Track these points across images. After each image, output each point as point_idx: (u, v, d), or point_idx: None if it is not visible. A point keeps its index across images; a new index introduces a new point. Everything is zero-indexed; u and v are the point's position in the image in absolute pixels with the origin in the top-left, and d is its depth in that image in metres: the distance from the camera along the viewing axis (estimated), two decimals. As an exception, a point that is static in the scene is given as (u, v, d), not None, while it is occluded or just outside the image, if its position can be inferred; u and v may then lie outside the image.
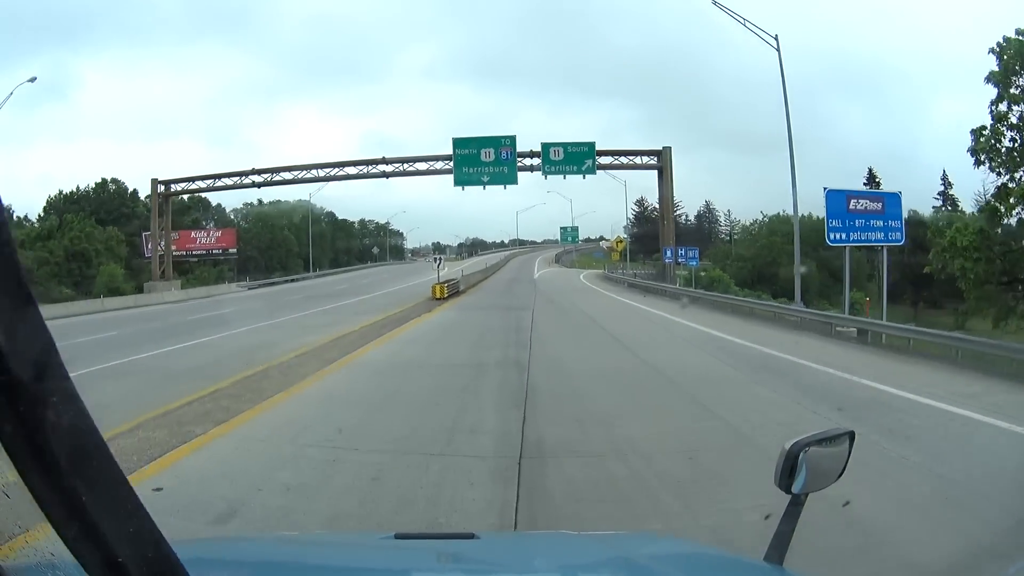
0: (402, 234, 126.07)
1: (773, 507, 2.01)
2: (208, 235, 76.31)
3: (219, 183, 49.60)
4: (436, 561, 2.05)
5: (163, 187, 54.33)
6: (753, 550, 2.14)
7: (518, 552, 2.32)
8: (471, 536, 2.23)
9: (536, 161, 38.97)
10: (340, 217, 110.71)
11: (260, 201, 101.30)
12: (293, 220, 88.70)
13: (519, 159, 38.85)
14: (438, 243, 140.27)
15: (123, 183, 77.88)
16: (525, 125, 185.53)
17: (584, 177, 38.82)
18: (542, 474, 6.28)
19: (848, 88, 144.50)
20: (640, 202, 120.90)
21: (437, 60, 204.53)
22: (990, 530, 4.84)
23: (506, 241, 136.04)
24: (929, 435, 7.63)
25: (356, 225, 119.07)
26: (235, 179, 48.11)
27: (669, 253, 38.64)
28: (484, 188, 38.32)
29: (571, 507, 5.44)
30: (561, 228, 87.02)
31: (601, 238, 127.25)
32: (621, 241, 55.31)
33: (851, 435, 1.93)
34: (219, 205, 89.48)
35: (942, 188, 76.32)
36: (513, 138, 38.65)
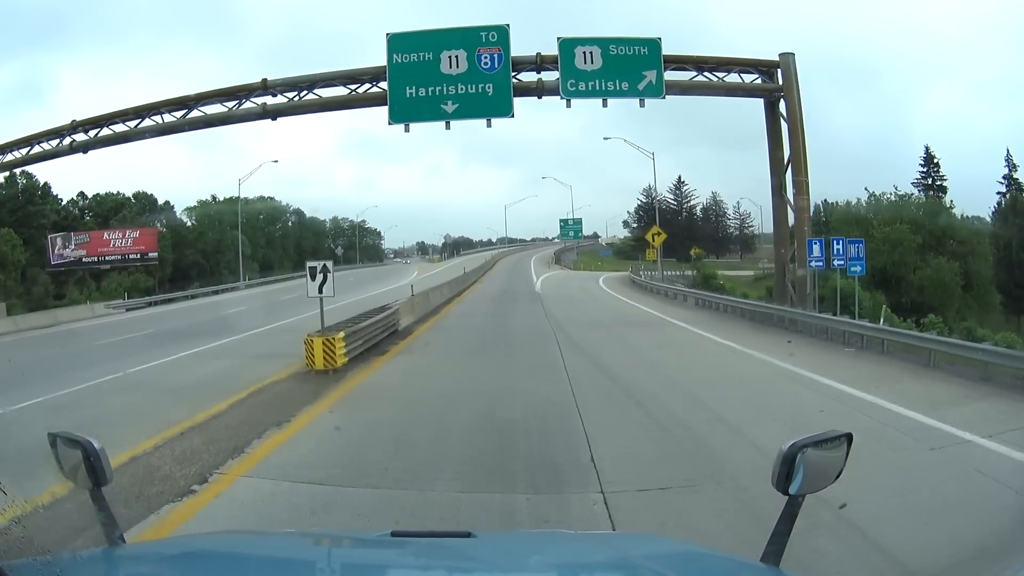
0: (379, 233, 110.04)
1: None
2: (124, 236, 58.10)
3: (35, 149, 29.32)
4: (432, 560, 1.89)
5: (-34, 159, 33.70)
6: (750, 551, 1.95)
7: (515, 551, 2.16)
8: (468, 535, 2.03)
9: (550, 77, 19.15)
10: (309, 215, 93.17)
11: (214, 198, 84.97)
12: (250, 218, 73.05)
13: (515, 71, 19.09)
14: (422, 242, 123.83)
15: (35, 177, 58.62)
16: (508, 122, 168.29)
17: (642, 103, 19.03)
18: None
19: (839, 79, 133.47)
20: (647, 191, 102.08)
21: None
22: None
23: (494, 239, 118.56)
24: None
25: (328, 224, 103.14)
26: (55, 141, 28.04)
27: (818, 251, 19.03)
28: (448, 126, 18.49)
29: None
30: (561, 221, 67.28)
31: (595, 235, 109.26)
32: (661, 234, 35.78)
33: (849, 437, 1.82)
34: (167, 203, 72.27)
35: (1007, 171, 59.30)
36: (504, 30, 18.79)
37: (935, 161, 75.79)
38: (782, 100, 21.00)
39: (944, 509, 5.27)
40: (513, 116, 18.18)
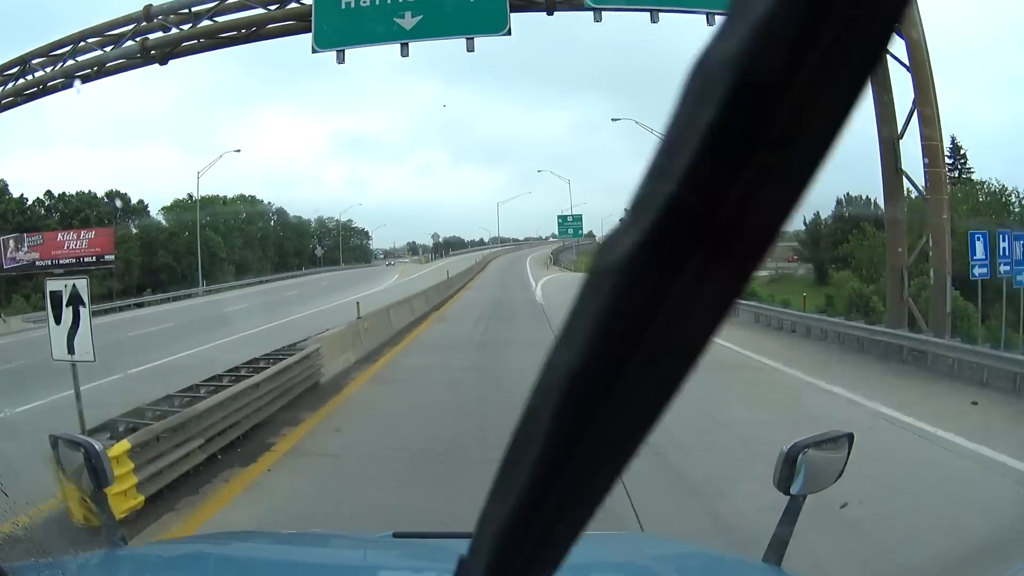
0: (367, 233, 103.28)
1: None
2: (79, 237, 50.06)
3: None
4: (434, 561, 1.80)
5: None
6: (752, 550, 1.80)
7: None
8: (469, 535, 1.10)
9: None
10: (294, 215, 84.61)
11: (190, 196, 78.55)
12: (227, 218, 68.24)
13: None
14: (413, 243, 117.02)
15: (-9, 173, 53.98)
16: (496, 120, 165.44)
17: (711, 20, 12.06)
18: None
19: None
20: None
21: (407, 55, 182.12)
22: None
23: (486, 239, 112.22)
24: None
25: (313, 224, 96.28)
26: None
27: (981, 250, 12.22)
28: (406, 51, 11.40)
29: None
30: (559, 217, 60.26)
31: (591, 234, 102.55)
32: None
33: (850, 437, 1.78)
34: (141, 202, 63.12)
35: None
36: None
37: (962, 152, 69.10)
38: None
39: None
40: (509, 33, 11.08)
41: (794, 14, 0.32)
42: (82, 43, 16.37)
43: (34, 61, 17.46)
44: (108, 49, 15.77)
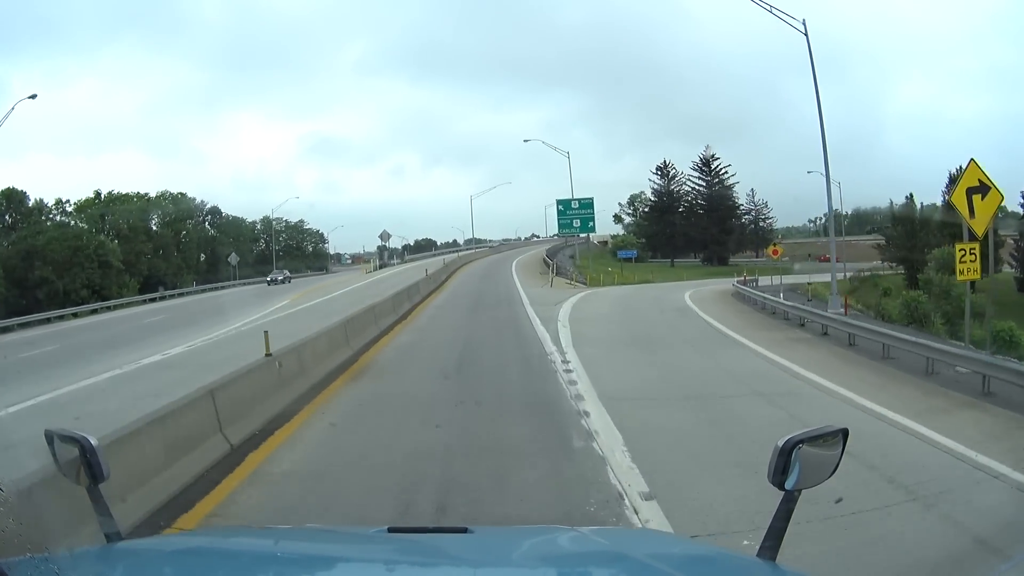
0: (322, 235, 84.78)
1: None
2: None
3: None
4: (429, 556, 1.76)
5: None
6: (747, 546, 1.81)
7: (512, 547, 1.97)
8: (464, 530, 1.95)
9: None
10: (233, 215, 71.76)
11: (98, 195, 59.32)
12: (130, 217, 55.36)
13: None
14: (383, 246, 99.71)
15: None
16: (469, 122, 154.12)
17: None
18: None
19: (809, 69, 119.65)
20: (662, 169, 75.50)
21: (371, 54, 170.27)
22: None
23: (461, 241, 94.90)
24: None
25: (258, 225, 76.76)
26: None
27: None
28: None
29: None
30: (558, 203, 39.85)
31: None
32: (995, 194, 9.15)
33: (844, 433, 1.70)
34: (40, 202, 52.32)
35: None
36: None
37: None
38: None
39: None
40: None
41: None
42: None
43: None
44: None
